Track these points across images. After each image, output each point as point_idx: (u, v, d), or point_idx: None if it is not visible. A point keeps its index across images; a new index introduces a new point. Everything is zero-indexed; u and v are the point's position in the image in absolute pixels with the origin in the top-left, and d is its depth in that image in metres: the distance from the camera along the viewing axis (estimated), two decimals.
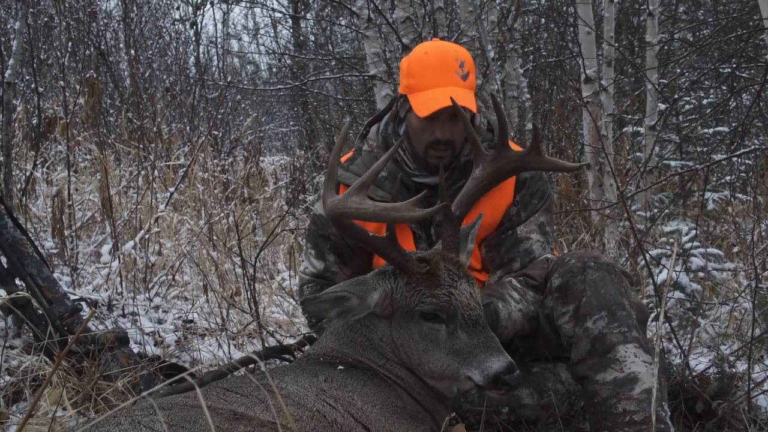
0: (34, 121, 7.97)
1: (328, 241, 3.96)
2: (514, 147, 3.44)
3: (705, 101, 9.21)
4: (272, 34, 20.11)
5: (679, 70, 10.71)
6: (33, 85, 8.31)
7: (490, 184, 3.32)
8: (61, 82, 8.16)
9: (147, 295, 5.89)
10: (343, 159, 3.95)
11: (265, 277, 7.27)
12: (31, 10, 9.74)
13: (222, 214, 7.92)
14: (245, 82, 16.63)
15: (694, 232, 5.02)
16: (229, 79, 13.20)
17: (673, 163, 8.38)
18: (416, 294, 2.93)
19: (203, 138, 9.93)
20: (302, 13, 17.42)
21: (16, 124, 8.10)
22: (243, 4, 16.20)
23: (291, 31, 18.76)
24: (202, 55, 15.18)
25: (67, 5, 11.46)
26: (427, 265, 2.97)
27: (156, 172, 7.93)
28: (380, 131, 3.95)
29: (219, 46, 15.12)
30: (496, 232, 3.80)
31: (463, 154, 3.76)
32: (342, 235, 3.72)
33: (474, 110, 3.53)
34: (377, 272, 3.09)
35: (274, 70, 19.36)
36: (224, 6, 14.77)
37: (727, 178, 9.00)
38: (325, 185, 3.08)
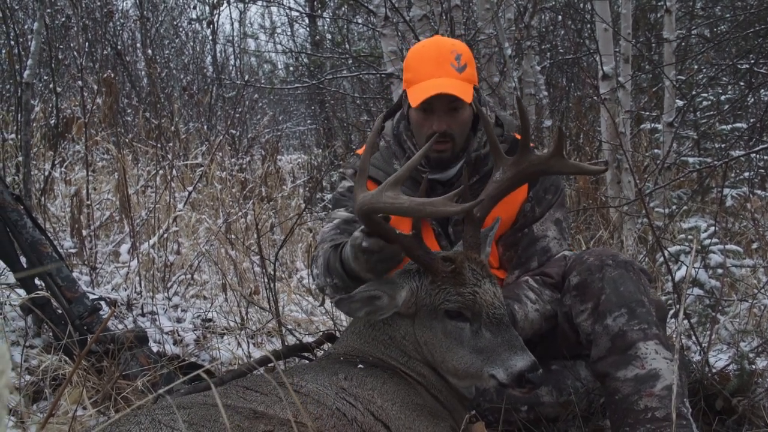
0: (52, 121, 7.99)
1: None
2: None
3: (723, 97, 9.16)
4: (289, 33, 20.18)
5: (696, 67, 10.68)
6: (51, 86, 8.34)
7: (512, 186, 3.30)
8: (79, 82, 8.18)
9: (166, 294, 5.91)
10: (359, 151, 3.96)
11: (283, 275, 7.27)
12: (48, 10, 9.80)
13: (240, 213, 7.94)
14: (262, 81, 16.59)
15: (712, 228, 4.99)
16: (246, 78, 13.20)
17: (691, 159, 8.34)
18: (441, 292, 2.95)
19: (221, 137, 9.96)
20: (319, 11, 17.41)
21: (35, 125, 8.13)
22: (260, 3, 16.17)
23: (308, 29, 18.79)
24: (219, 55, 15.21)
25: (84, 5, 11.51)
26: (452, 264, 2.97)
27: (174, 172, 7.93)
28: (393, 128, 3.96)
29: (236, 45, 15.11)
30: (512, 230, 3.80)
31: (471, 149, 3.76)
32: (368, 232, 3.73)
33: (468, 101, 3.49)
34: (402, 271, 3.10)
35: (291, 68, 19.39)
36: (241, 5, 14.73)
37: (746, 174, 8.96)
38: (356, 182, 3.07)
